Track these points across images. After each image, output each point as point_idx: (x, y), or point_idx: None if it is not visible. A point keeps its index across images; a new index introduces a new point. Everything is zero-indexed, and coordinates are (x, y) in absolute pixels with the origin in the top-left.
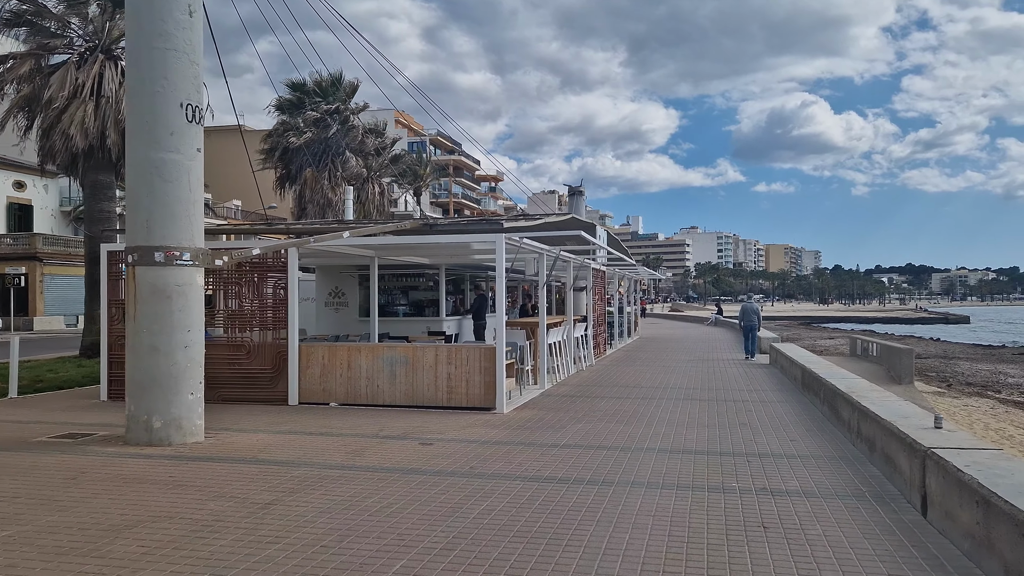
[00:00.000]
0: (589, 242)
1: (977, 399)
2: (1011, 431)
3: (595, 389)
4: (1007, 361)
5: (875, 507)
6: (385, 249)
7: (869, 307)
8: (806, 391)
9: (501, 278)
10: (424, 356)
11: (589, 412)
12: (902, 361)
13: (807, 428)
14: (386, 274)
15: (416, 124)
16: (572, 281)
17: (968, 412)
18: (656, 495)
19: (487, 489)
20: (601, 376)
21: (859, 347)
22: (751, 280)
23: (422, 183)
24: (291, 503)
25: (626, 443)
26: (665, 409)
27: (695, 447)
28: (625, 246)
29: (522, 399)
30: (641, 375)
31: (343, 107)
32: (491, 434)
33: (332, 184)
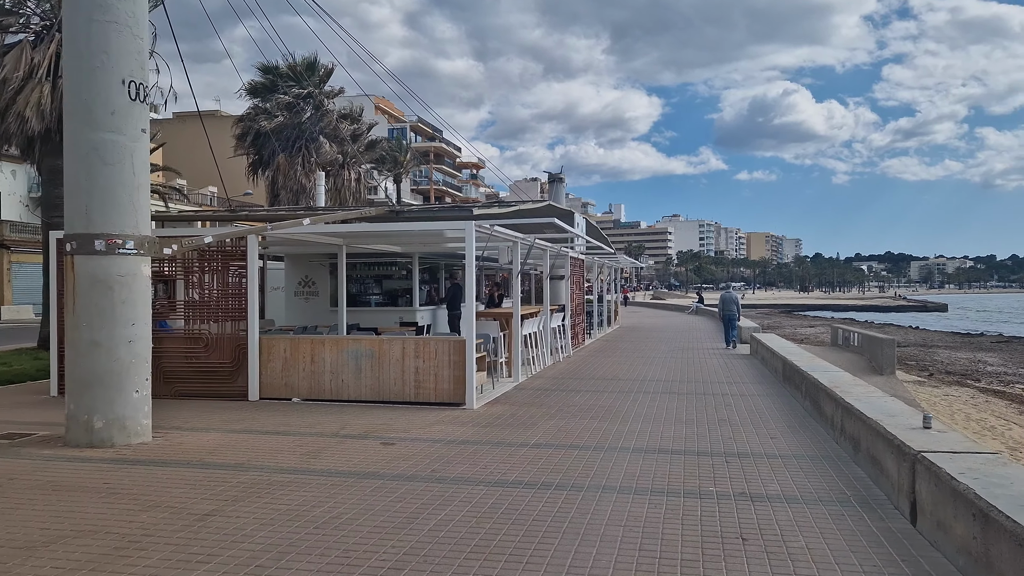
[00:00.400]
0: (564, 230)
1: (957, 388)
2: (992, 421)
3: (571, 382)
4: (985, 349)
5: (861, 514)
6: (353, 237)
7: (849, 295)
8: (787, 384)
9: (471, 267)
10: (391, 349)
11: (563, 407)
12: (883, 351)
13: (788, 424)
14: (358, 263)
15: (396, 111)
16: (549, 270)
17: (949, 402)
18: (628, 501)
19: (447, 496)
20: (578, 368)
21: (840, 337)
22: (733, 268)
23: (402, 170)
24: (232, 514)
25: (600, 442)
26: (642, 404)
27: (672, 446)
28: (607, 234)
29: (494, 393)
30: (620, 366)
31: (317, 91)
32: (458, 432)
33: (306, 170)
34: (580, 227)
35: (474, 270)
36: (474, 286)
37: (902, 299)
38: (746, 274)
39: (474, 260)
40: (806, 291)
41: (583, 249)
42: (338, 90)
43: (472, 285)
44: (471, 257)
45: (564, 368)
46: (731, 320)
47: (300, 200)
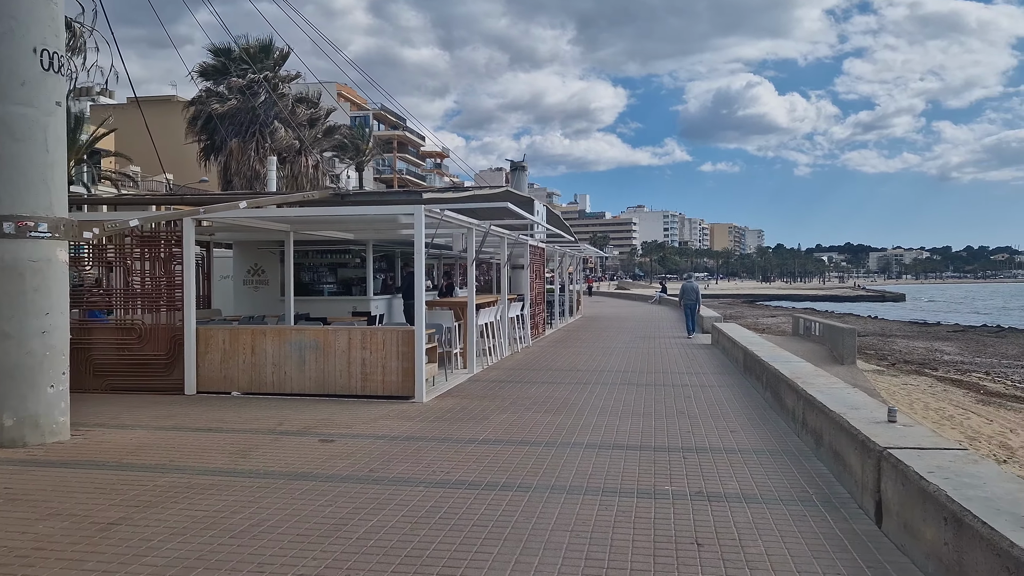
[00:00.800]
0: (518, 215)
1: (916, 377)
2: (950, 411)
3: (528, 373)
4: (942, 338)
5: (823, 514)
6: (300, 223)
7: (810, 285)
8: (748, 374)
9: (420, 254)
10: (336, 340)
11: (518, 400)
12: (844, 341)
13: (748, 417)
14: (310, 250)
15: (359, 98)
16: (507, 258)
17: (908, 391)
18: (578, 503)
19: (383, 498)
20: (537, 359)
21: (801, 326)
22: (696, 258)
23: (364, 158)
24: (140, 522)
25: (552, 437)
26: (599, 396)
27: (627, 441)
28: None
29: (447, 385)
30: (579, 357)
31: (271, 75)
32: (404, 427)
33: (260, 156)
34: (540, 215)
35: (424, 257)
36: (423, 274)
37: (861, 289)
38: (709, 264)
39: (423, 247)
40: (768, 281)
41: (543, 238)
42: (294, 74)
43: (422, 273)
44: (420, 243)
45: (522, 359)
46: (692, 309)
47: (254, 186)
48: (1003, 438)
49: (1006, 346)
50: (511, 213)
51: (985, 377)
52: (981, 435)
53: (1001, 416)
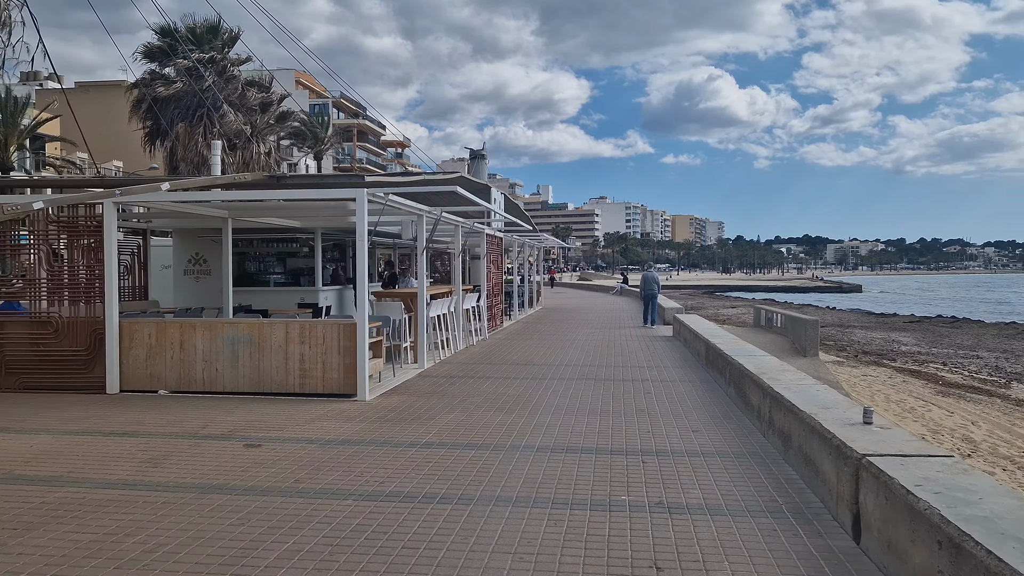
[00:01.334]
0: (470, 201)
1: (875, 368)
2: (911, 403)
3: (482, 368)
4: (899, 329)
5: (795, 528)
6: (237, 209)
7: (769, 276)
8: (711, 368)
9: (362, 240)
10: (272, 334)
11: (468, 397)
12: (807, 332)
13: (712, 415)
14: (255, 239)
15: (318, 86)
16: (461, 247)
17: (868, 383)
18: (524, 518)
19: (304, 515)
20: (492, 352)
21: (763, 318)
22: (658, 250)
23: (323, 147)
24: (14, 549)
25: (502, 439)
26: (555, 392)
27: (583, 443)
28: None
29: (394, 381)
30: (536, 350)
31: (220, 57)
32: (341, 430)
33: (207, 141)
34: (498, 204)
35: (366, 244)
36: (366, 263)
37: (819, 280)
38: (671, 256)
39: (366, 233)
40: (728, 273)
41: (501, 227)
42: (244, 58)
43: (364, 262)
44: (363, 230)
45: (477, 352)
46: (651, 299)
47: (201, 173)
48: (965, 431)
49: (961, 336)
50: (461, 199)
51: (943, 368)
52: (943, 428)
53: (961, 408)
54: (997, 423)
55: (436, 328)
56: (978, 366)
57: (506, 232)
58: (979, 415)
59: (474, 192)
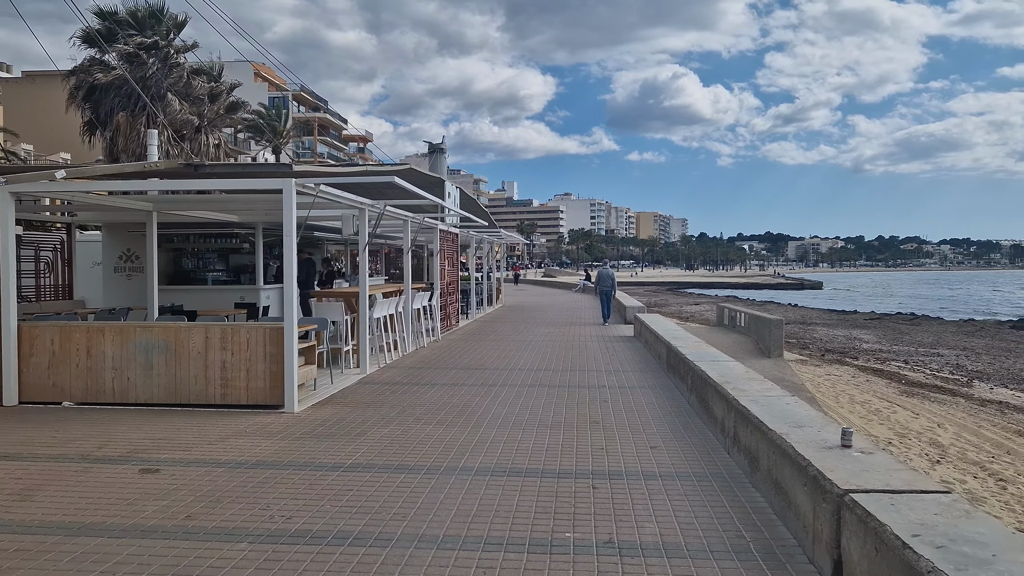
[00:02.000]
0: (414, 194)
1: (838, 367)
2: (876, 404)
3: (429, 373)
4: (859, 326)
5: (766, 574)
6: (160, 201)
7: (732, 273)
8: (672, 373)
9: (290, 236)
10: (190, 340)
11: (409, 407)
12: (771, 332)
13: (672, 427)
14: (192, 234)
15: (278, 79)
16: (410, 243)
17: (832, 383)
18: (448, 564)
19: (184, 565)
20: (444, 355)
21: (726, 316)
22: (622, 246)
23: (281, 140)
24: None
25: (438, 459)
26: (505, 401)
27: (528, 464)
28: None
29: (331, 389)
30: (490, 352)
31: (164, 43)
32: (257, 449)
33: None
34: (453, 198)
35: (295, 239)
36: (294, 260)
37: (781, 277)
38: (635, 252)
39: (295, 228)
40: (692, 269)
41: (455, 222)
42: (191, 44)
43: (292, 258)
44: (290, 223)
45: (427, 355)
46: (608, 296)
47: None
48: (932, 434)
49: (921, 334)
50: (407, 192)
51: (904, 366)
52: (910, 431)
53: (926, 409)
54: (963, 425)
55: (385, 329)
56: (939, 364)
57: (463, 228)
58: (945, 416)
59: (427, 186)
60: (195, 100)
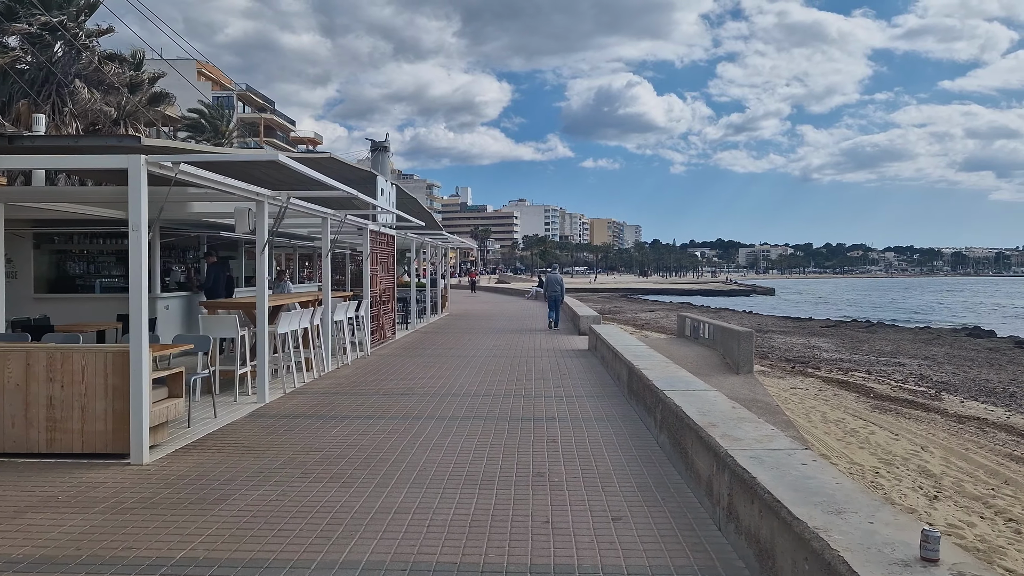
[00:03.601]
0: (316, 182)
1: (801, 379)
2: (851, 423)
3: (343, 401)
4: (817, 334)
5: None
6: (13, 193)
7: (684, 279)
8: (634, 400)
9: (138, 231)
10: (5, 369)
11: (301, 453)
12: (740, 345)
13: (640, 483)
14: (75, 233)
15: (224, 78)
16: (329, 245)
17: (800, 397)
18: None
19: None
20: (368, 375)
21: (688, 327)
22: (577, 252)
23: (224, 140)
24: None
25: (313, 547)
26: (429, 441)
27: (439, 556)
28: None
29: (210, 426)
30: (424, 372)
31: (73, 25)
32: (57, 532)
33: (55, 123)
34: (387, 195)
35: (144, 234)
36: (143, 260)
37: (733, 283)
38: (589, 259)
39: (143, 220)
40: (645, 275)
41: (388, 220)
42: (106, 28)
43: (139, 258)
44: (137, 215)
45: (348, 376)
46: (556, 301)
47: None
48: (919, 461)
49: (879, 342)
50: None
51: (868, 377)
52: (894, 457)
53: (905, 428)
54: (949, 448)
55: (301, 346)
56: (903, 375)
57: (405, 231)
58: (926, 437)
59: (357, 181)
60: (110, 89)
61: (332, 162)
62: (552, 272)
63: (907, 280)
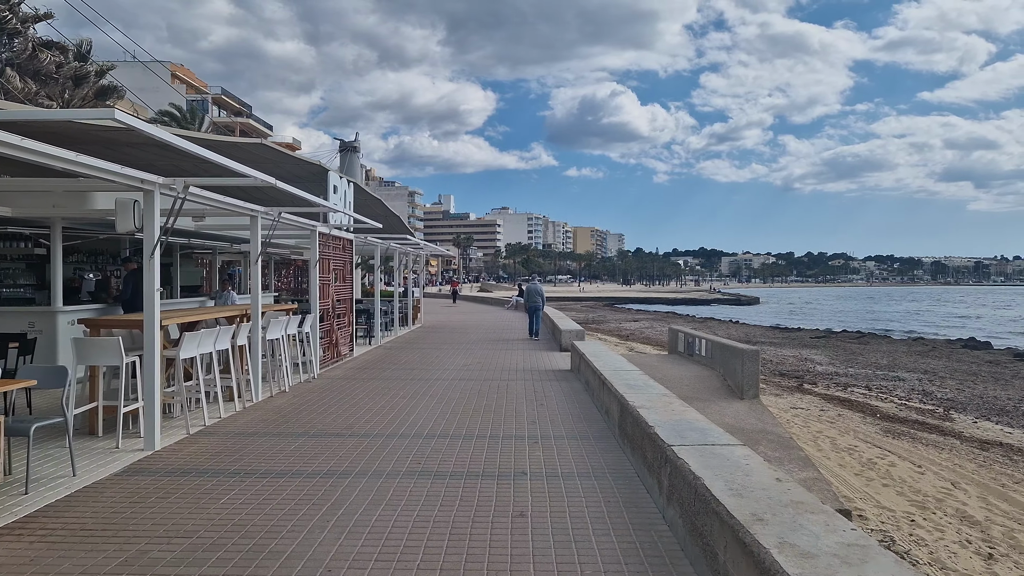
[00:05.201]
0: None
1: (799, 396)
2: (865, 451)
3: (257, 445)
4: (808, 346)
5: None
6: None
7: (668, 288)
8: (629, 446)
9: None
10: None
11: (155, 544)
12: (744, 366)
13: None
14: None
15: (198, 81)
16: (260, 248)
17: (803, 419)
18: None
19: None
20: (304, 406)
21: (682, 342)
22: (560, 261)
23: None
24: None
25: None
26: (345, 521)
27: None
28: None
29: (57, 491)
30: (375, 401)
31: (3, 6)
32: None
33: None
34: (341, 194)
35: None
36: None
37: (716, 292)
38: (572, 267)
39: None
40: (628, 284)
41: (342, 221)
42: (43, 13)
43: None
44: None
45: (280, 407)
46: (536, 311)
47: None
48: (954, 501)
49: (874, 354)
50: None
51: (869, 393)
52: (926, 497)
53: (926, 458)
54: (983, 485)
55: (230, 370)
56: (904, 390)
57: (362, 234)
58: (954, 471)
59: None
60: (48, 79)
61: (265, 150)
62: (532, 282)
63: (889, 289)
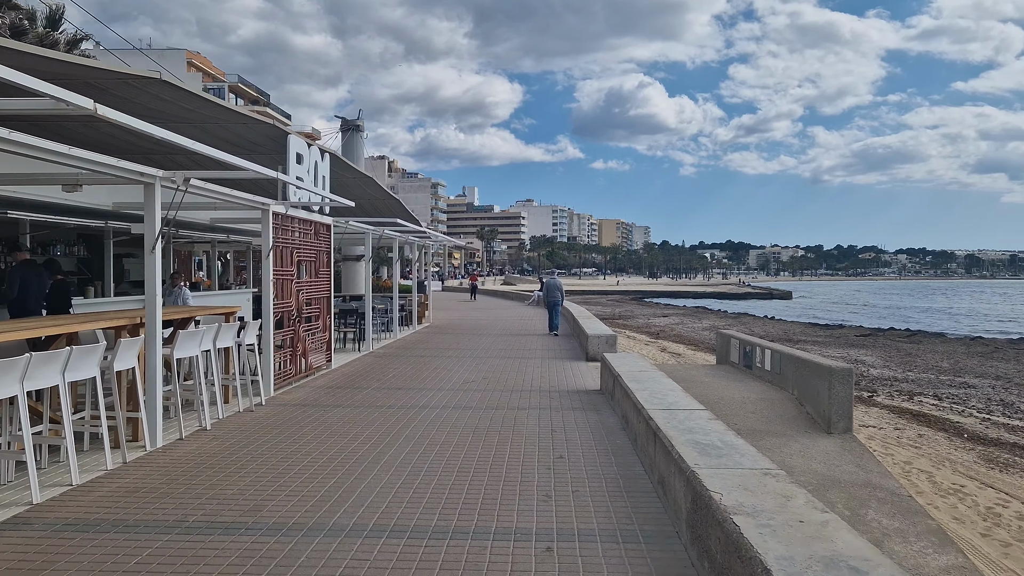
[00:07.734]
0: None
1: (863, 408)
2: (977, 493)
3: (88, 547)
4: (854, 345)
5: None
6: None
7: (695, 281)
8: (697, 548)
9: None
10: None
11: None
12: (833, 389)
13: None
14: None
15: (215, 69)
16: (158, 231)
17: (883, 445)
18: None
19: None
20: (212, 459)
21: (736, 351)
22: (584, 254)
23: None
24: None
25: None
26: None
27: None
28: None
29: None
30: (318, 452)
31: None
32: None
33: None
34: (310, 166)
35: None
36: None
37: (746, 286)
38: (597, 260)
39: None
40: (654, 277)
41: (306, 199)
42: None
43: None
44: None
45: (176, 459)
46: (555, 306)
47: None
48: None
49: (932, 356)
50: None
51: (940, 404)
52: None
53: None
54: None
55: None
56: (980, 400)
57: (378, 227)
58: None
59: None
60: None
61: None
62: (552, 277)
63: (928, 283)
